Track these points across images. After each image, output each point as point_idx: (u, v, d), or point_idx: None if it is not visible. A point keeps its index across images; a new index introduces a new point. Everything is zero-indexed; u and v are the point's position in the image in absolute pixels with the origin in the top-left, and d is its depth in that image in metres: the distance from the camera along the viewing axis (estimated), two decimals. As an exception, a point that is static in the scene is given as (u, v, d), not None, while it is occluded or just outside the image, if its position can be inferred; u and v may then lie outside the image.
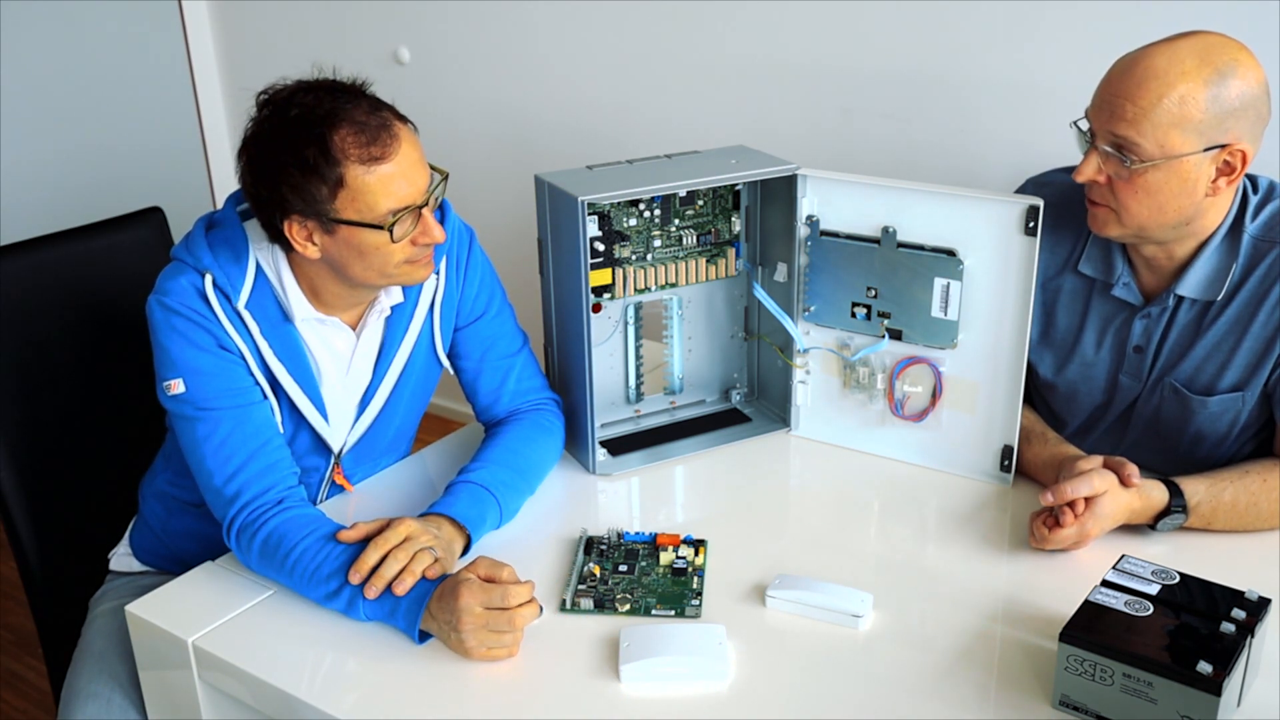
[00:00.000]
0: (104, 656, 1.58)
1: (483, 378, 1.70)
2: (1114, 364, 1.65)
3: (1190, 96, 1.42)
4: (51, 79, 3.13)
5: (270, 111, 1.42)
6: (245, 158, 1.44)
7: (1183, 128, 1.43)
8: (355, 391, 1.62)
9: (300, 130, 1.38)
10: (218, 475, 1.47)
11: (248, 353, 1.50)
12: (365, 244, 1.44)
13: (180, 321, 1.47)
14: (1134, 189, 1.48)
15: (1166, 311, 1.59)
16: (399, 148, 1.41)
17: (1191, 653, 1.16)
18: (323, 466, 1.64)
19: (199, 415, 1.47)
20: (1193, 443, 1.62)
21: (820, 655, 1.34)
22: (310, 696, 1.30)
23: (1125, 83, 1.45)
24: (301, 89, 1.42)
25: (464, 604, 1.31)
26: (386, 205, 1.41)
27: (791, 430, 1.84)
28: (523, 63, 2.85)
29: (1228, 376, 1.57)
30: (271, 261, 1.52)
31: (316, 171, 1.38)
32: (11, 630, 2.76)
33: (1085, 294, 1.66)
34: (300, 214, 1.42)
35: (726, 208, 1.82)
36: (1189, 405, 1.60)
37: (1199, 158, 1.45)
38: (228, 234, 1.51)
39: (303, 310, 1.53)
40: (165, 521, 1.70)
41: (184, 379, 1.47)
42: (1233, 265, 1.54)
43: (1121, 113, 1.45)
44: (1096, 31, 2.14)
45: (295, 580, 1.43)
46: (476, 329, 1.69)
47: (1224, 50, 1.44)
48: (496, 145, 2.95)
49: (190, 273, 1.49)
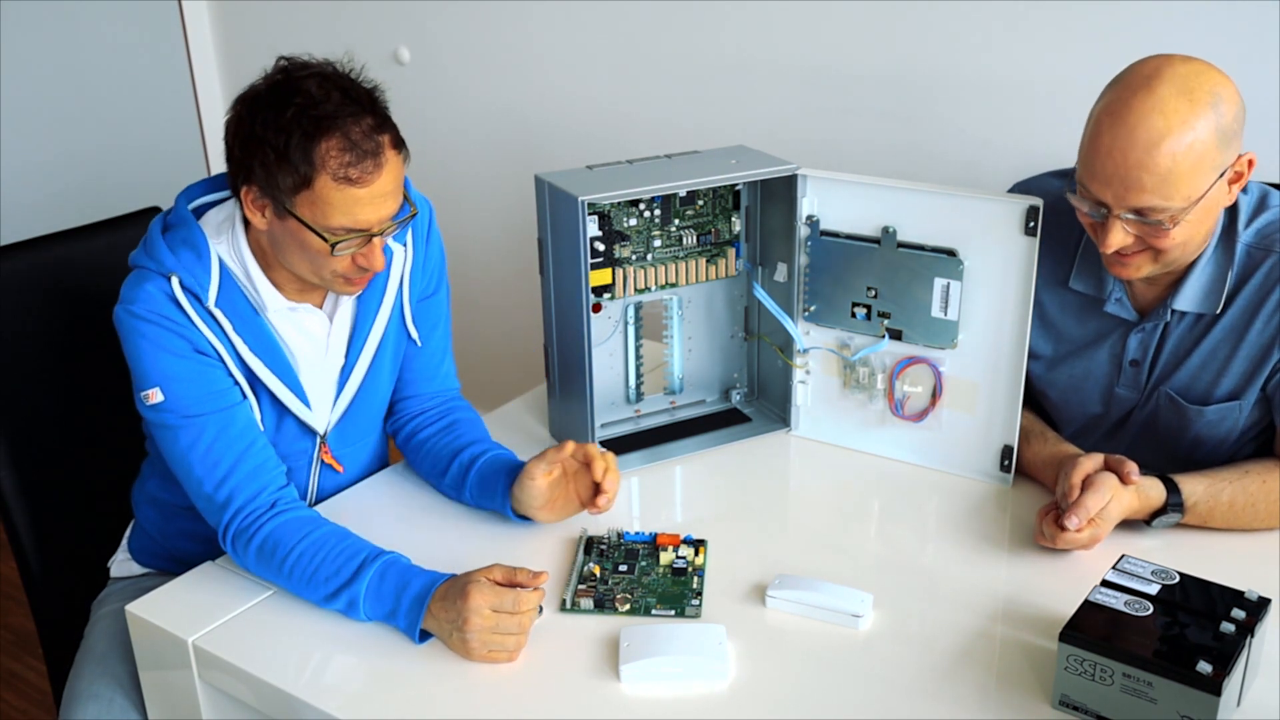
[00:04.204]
0: (105, 658, 1.58)
1: (418, 359, 1.70)
2: (1110, 377, 1.64)
3: (1198, 141, 1.38)
4: (51, 79, 3.13)
5: (280, 81, 1.40)
6: (235, 110, 1.42)
7: (1200, 171, 1.40)
8: (332, 371, 1.60)
9: (293, 120, 1.37)
10: (207, 482, 1.46)
11: (224, 352, 1.48)
12: (307, 243, 1.42)
13: (151, 329, 1.44)
14: (1170, 238, 1.44)
15: (1160, 327, 1.58)
16: (377, 178, 1.40)
17: (1191, 653, 1.16)
18: (309, 449, 1.63)
19: (181, 424, 1.46)
20: (1191, 447, 1.62)
21: (820, 655, 1.34)
22: (310, 696, 1.30)
23: (1132, 154, 1.39)
24: (318, 76, 1.40)
25: (474, 605, 1.31)
26: (340, 222, 1.40)
27: (791, 430, 1.84)
28: (523, 63, 2.85)
29: (1224, 385, 1.56)
30: (235, 255, 1.50)
31: (290, 163, 1.37)
32: (11, 630, 2.76)
33: (1078, 309, 1.65)
34: (260, 189, 1.41)
35: (726, 208, 1.82)
36: (1185, 415, 1.59)
37: (1219, 183, 1.43)
38: (185, 234, 1.48)
39: (275, 302, 1.51)
40: (161, 526, 1.69)
41: (161, 387, 1.45)
42: (1228, 274, 1.53)
43: (1140, 185, 1.40)
44: (1097, 31, 2.14)
45: (294, 583, 1.42)
46: (425, 306, 1.68)
47: (1199, 77, 1.40)
48: (496, 145, 2.94)
49: (155, 278, 1.46)
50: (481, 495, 1.60)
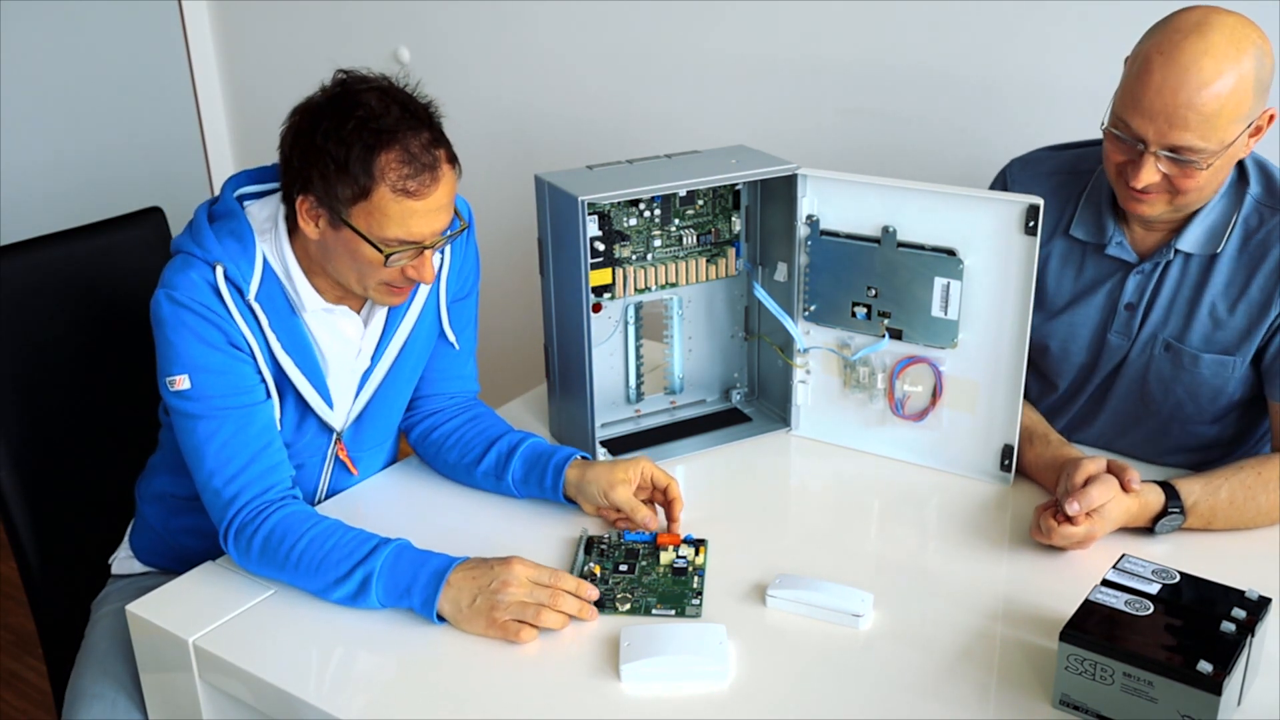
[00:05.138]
0: (107, 658, 1.58)
1: (445, 359, 1.71)
2: (1103, 322, 1.66)
3: (1240, 87, 1.44)
4: (51, 79, 3.13)
5: (339, 94, 1.42)
6: (294, 121, 1.44)
7: (1238, 118, 1.46)
8: (357, 371, 1.62)
9: (354, 132, 1.39)
10: (217, 477, 1.47)
11: (256, 347, 1.49)
12: (360, 253, 1.44)
13: (190, 317, 1.45)
14: (1196, 181, 1.50)
15: (1159, 268, 1.61)
16: (433, 191, 1.42)
17: (1191, 652, 1.16)
18: (325, 445, 1.63)
19: (203, 414, 1.47)
20: (1174, 410, 1.64)
21: (820, 655, 1.34)
22: (310, 696, 1.30)
23: (1183, 92, 1.44)
24: (378, 90, 1.43)
25: (515, 570, 1.37)
26: (395, 234, 1.42)
27: (791, 430, 1.84)
28: (523, 62, 2.85)
29: (1219, 337, 1.59)
30: (277, 253, 1.51)
31: (349, 174, 1.39)
32: (11, 630, 2.76)
33: (1078, 257, 1.68)
34: (317, 199, 1.42)
35: (726, 207, 1.82)
36: (1180, 362, 1.61)
37: (1244, 133, 1.48)
38: (233, 225, 1.49)
39: (313, 302, 1.52)
40: (166, 520, 1.69)
41: (190, 375, 1.45)
42: (1231, 220, 1.57)
43: (1185, 123, 1.45)
44: (1097, 31, 2.14)
45: (300, 574, 1.43)
46: (458, 308, 1.69)
47: (1245, 28, 1.46)
48: (496, 145, 2.94)
49: (200, 265, 1.47)
50: (527, 481, 1.62)
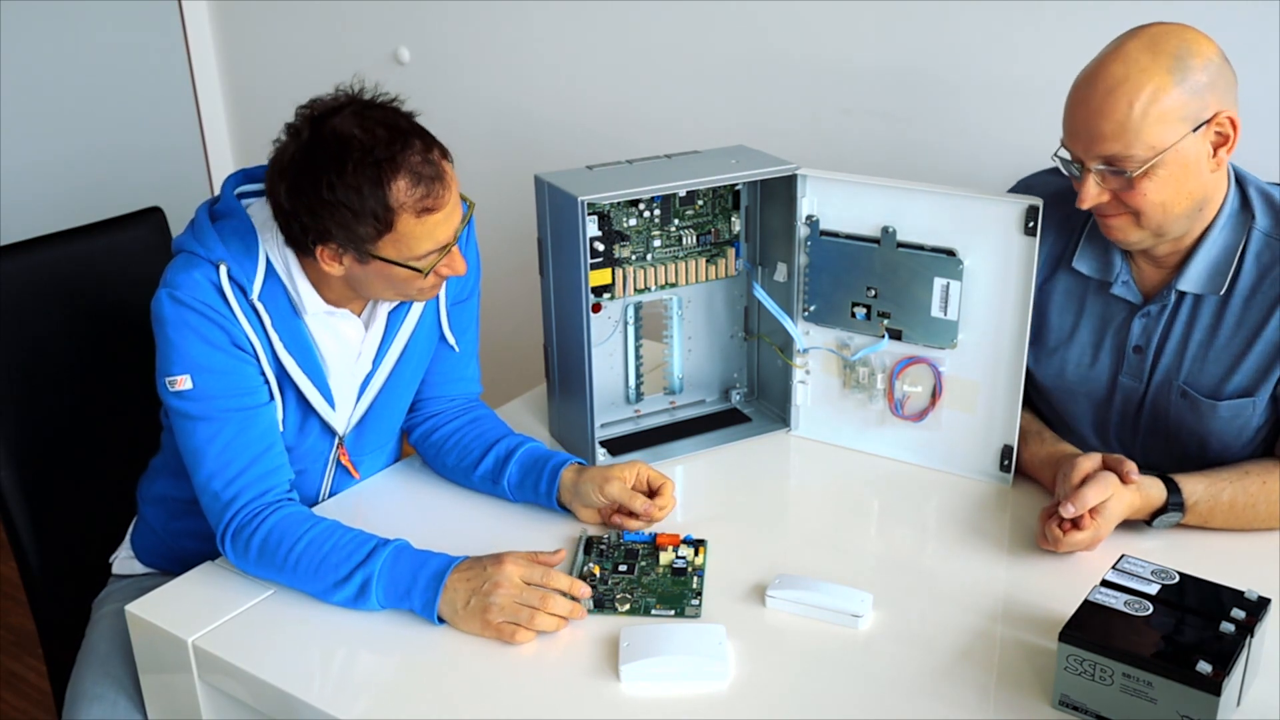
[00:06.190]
0: (107, 658, 1.58)
1: (446, 361, 1.71)
2: (1114, 365, 1.63)
3: (1160, 90, 1.41)
4: (51, 79, 3.13)
5: (314, 135, 1.37)
6: (288, 182, 1.38)
7: (1164, 121, 1.42)
8: (358, 375, 1.62)
9: (356, 173, 1.35)
10: (216, 479, 1.47)
11: (259, 348, 1.49)
12: (394, 276, 1.44)
13: (193, 317, 1.44)
14: (1142, 192, 1.46)
15: (1167, 309, 1.57)
16: (448, 194, 1.41)
17: (1191, 652, 1.16)
18: (327, 449, 1.63)
19: (204, 415, 1.46)
20: (1201, 446, 1.60)
21: (820, 655, 1.34)
22: (310, 696, 1.30)
23: (1091, 103, 1.44)
24: (353, 115, 1.38)
25: (507, 570, 1.36)
26: (426, 249, 1.42)
27: (791, 430, 1.84)
28: (523, 63, 2.85)
29: (1235, 380, 1.54)
30: (279, 255, 1.50)
31: (369, 215, 1.37)
32: (11, 630, 2.76)
33: (1080, 294, 1.64)
34: (339, 244, 1.41)
35: (726, 208, 1.82)
36: (1199, 409, 1.57)
37: (1190, 139, 1.44)
38: (236, 224, 1.48)
39: (314, 304, 1.52)
40: (167, 523, 1.69)
41: (191, 376, 1.44)
42: (1235, 257, 1.52)
43: (1100, 133, 1.44)
44: (1097, 31, 2.14)
45: (300, 575, 1.42)
46: (459, 310, 1.69)
47: (1170, 36, 1.44)
48: (496, 145, 2.94)
49: (203, 265, 1.46)
50: (522, 486, 1.62)
